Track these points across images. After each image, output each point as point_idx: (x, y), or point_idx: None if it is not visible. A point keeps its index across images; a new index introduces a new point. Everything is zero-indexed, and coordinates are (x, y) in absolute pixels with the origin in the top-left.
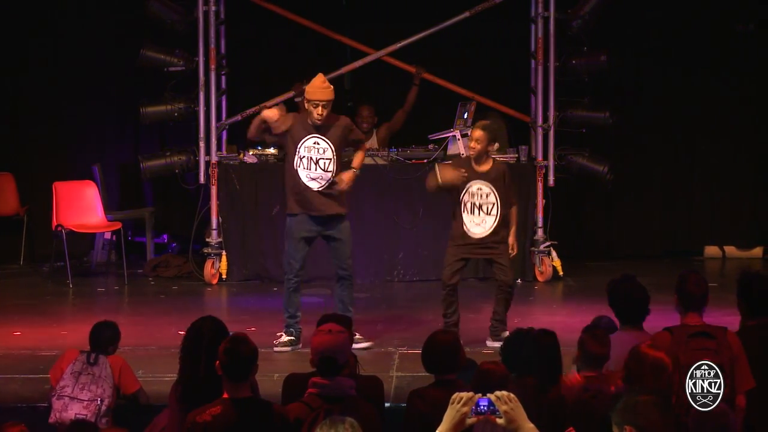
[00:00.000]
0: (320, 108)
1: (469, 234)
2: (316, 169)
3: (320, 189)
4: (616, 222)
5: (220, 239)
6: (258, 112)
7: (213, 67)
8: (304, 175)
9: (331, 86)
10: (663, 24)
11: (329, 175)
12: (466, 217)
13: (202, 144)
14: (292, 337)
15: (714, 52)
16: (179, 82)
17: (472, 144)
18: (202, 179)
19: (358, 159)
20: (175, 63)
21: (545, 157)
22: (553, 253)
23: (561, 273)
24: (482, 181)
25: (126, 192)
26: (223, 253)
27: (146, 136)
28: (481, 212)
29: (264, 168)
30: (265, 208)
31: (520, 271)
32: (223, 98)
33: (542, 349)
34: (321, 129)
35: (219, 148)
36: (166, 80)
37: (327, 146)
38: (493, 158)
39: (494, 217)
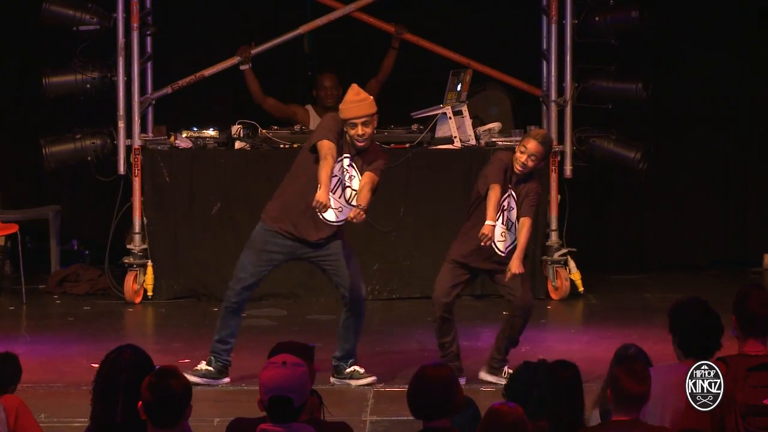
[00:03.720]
0: (359, 127)
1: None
2: (340, 197)
3: (334, 222)
4: (650, 224)
5: (145, 246)
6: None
7: (135, 25)
8: None
9: (369, 98)
10: None
11: (348, 210)
12: (498, 228)
13: (121, 124)
14: (211, 368)
15: None
16: (92, 45)
17: (524, 159)
18: (121, 169)
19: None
20: (87, 20)
21: (561, 140)
22: (571, 264)
23: (581, 289)
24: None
25: (24, 186)
26: (149, 263)
27: (50, 114)
28: (503, 221)
29: (201, 154)
30: (203, 206)
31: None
32: (149, 65)
33: (560, 386)
34: (357, 154)
35: (143, 129)
36: (76, 42)
37: (357, 175)
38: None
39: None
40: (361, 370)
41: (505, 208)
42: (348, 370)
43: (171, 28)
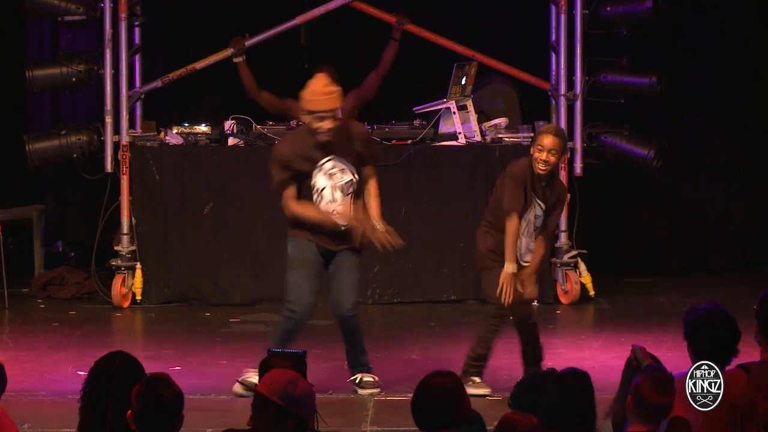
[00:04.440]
0: (327, 121)
1: (521, 261)
2: (339, 197)
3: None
4: (664, 224)
5: (134, 247)
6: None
7: (123, 15)
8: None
9: (337, 90)
10: None
11: (349, 199)
12: (524, 240)
13: (108, 119)
14: None
15: None
16: (78, 36)
17: (544, 156)
18: (109, 167)
19: (375, 204)
20: (73, 10)
21: (570, 137)
22: (582, 266)
23: (592, 292)
24: (539, 200)
25: (6, 184)
26: (138, 266)
27: (34, 109)
28: (531, 234)
29: (192, 151)
30: (195, 206)
31: (537, 290)
32: (137, 58)
33: (570, 395)
34: (330, 147)
35: (132, 125)
36: (61, 33)
37: (344, 165)
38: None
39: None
40: (368, 378)
41: (531, 220)
42: (353, 377)
43: (160, 18)
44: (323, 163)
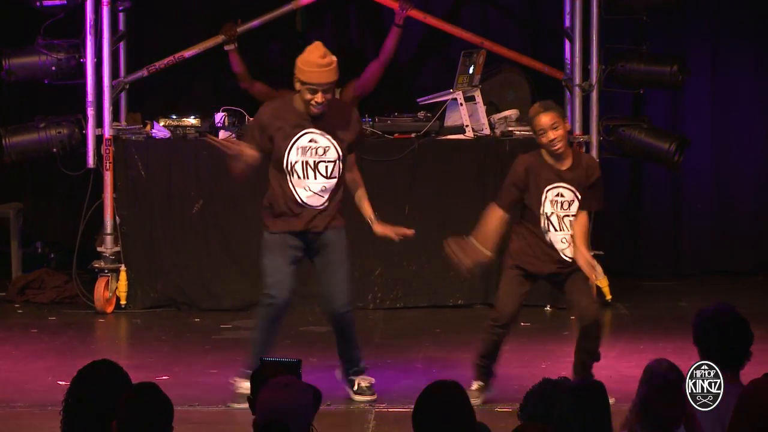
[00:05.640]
0: (320, 95)
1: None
2: (316, 177)
3: (323, 206)
4: (687, 223)
5: (118, 248)
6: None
7: (106, 0)
8: (301, 191)
9: (334, 61)
10: None
11: (333, 183)
12: (555, 236)
13: (91, 111)
14: None
15: None
16: (58, 23)
17: (550, 134)
18: (91, 162)
19: (366, 202)
20: None
21: (586, 129)
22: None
23: (609, 297)
24: (563, 184)
25: None
26: (122, 268)
27: (11, 100)
28: (564, 226)
29: (180, 145)
30: (183, 203)
31: (549, 295)
32: (122, 45)
33: (584, 407)
34: (319, 121)
35: (116, 118)
36: (40, 19)
37: (329, 144)
38: (573, 147)
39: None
40: (366, 384)
41: (548, 214)
42: (349, 380)
43: (146, 2)
44: (299, 137)
